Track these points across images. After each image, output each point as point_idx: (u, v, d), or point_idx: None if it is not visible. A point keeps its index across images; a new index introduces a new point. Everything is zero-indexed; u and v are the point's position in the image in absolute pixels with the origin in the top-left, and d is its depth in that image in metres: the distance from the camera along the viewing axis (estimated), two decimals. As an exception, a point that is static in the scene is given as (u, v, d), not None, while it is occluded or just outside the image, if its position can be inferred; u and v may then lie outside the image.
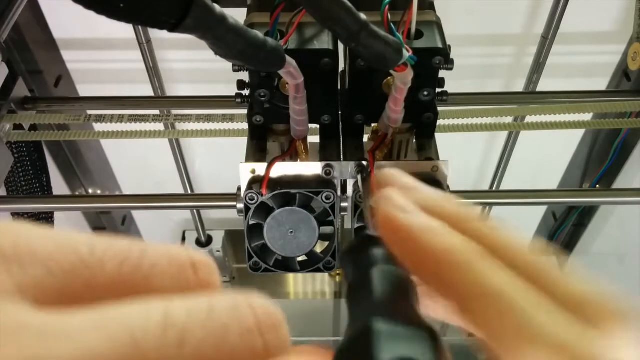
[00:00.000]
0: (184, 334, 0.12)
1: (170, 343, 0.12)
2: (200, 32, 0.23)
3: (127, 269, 0.13)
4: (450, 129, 0.51)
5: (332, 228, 0.37)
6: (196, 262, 0.14)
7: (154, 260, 0.13)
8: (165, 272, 0.14)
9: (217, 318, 0.13)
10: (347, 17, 0.27)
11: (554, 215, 1.15)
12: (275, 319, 0.14)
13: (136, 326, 0.12)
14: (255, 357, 0.13)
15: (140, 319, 0.12)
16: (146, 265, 0.13)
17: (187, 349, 0.12)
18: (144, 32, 0.71)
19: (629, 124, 0.68)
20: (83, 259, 0.13)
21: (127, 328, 0.12)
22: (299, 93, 0.34)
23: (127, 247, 0.13)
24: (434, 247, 0.17)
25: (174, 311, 0.12)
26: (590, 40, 0.80)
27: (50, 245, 0.13)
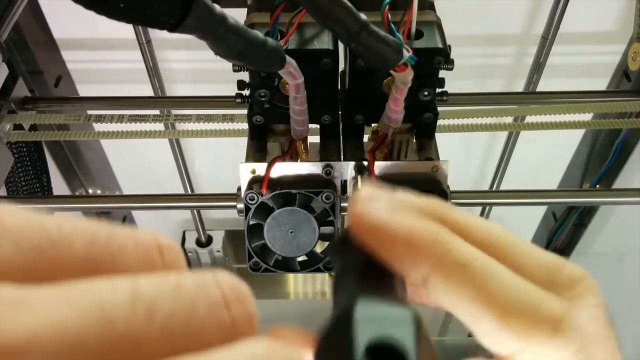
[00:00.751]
0: (153, 307, 0.12)
1: (139, 317, 0.12)
2: (201, 32, 0.23)
3: (94, 249, 0.13)
4: (450, 129, 0.51)
5: (332, 228, 0.37)
6: (162, 245, 0.14)
7: (120, 242, 0.13)
8: (132, 254, 0.14)
9: (185, 292, 0.13)
10: (347, 17, 0.27)
11: (554, 215, 1.15)
12: (240, 291, 0.13)
13: (105, 300, 0.12)
14: (224, 331, 0.13)
15: (108, 293, 0.12)
16: (113, 247, 0.13)
17: (155, 322, 0.12)
18: (144, 32, 0.71)
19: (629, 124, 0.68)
20: (51, 236, 0.13)
21: (96, 302, 0.12)
22: (299, 93, 0.34)
23: (95, 228, 0.13)
24: (402, 232, 0.17)
25: (142, 286, 0.12)
26: (590, 40, 0.80)
27: (19, 222, 0.12)
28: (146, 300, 0.12)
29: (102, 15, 0.20)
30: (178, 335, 0.12)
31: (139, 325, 0.12)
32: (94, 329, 0.11)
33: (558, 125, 0.53)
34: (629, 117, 0.69)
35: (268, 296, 1.16)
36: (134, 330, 0.12)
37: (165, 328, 0.12)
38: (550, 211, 1.14)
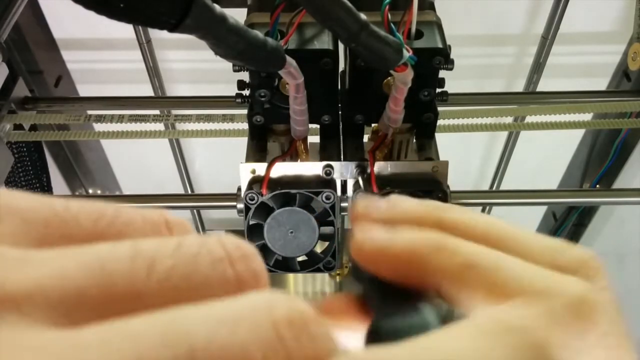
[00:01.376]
0: (153, 262, 0.12)
1: (138, 270, 0.12)
2: (201, 32, 0.22)
3: (101, 225, 0.14)
4: (450, 129, 0.51)
5: (332, 228, 0.37)
6: (170, 221, 0.15)
7: (127, 219, 0.14)
8: (139, 229, 0.14)
9: (186, 250, 0.13)
10: (347, 17, 0.27)
11: (554, 215, 1.15)
12: (245, 250, 0.13)
13: (106, 256, 0.12)
14: (227, 286, 0.13)
15: (109, 252, 0.12)
16: (120, 223, 0.14)
17: (155, 276, 0.12)
18: (144, 32, 0.71)
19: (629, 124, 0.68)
20: (58, 213, 0.13)
21: (97, 258, 0.12)
22: (299, 93, 0.34)
23: (102, 207, 0.14)
24: (403, 248, 0.17)
25: (143, 245, 0.13)
26: (590, 40, 0.80)
27: (27, 201, 0.13)
28: (146, 256, 0.12)
29: (102, 15, 0.20)
30: (179, 289, 0.12)
31: (139, 278, 0.12)
32: (94, 280, 0.12)
33: (558, 125, 0.53)
34: (629, 117, 0.70)
35: (268, 296, 1.16)
36: (134, 283, 0.12)
37: (166, 282, 0.12)
38: (550, 211, 1.14)
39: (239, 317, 0.12)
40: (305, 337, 0.12)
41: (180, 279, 0.12)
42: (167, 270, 0.12)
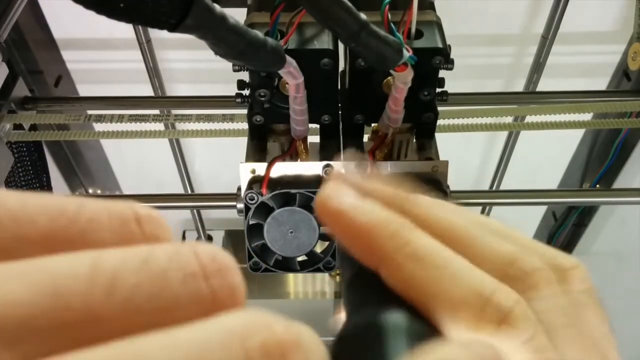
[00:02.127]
0: (114, 281, 0.11)
1: (97, 291, 0.11)
2: (201, 32, 0.22)
3: (60, 223, 0.12)
4: (450, 129, 0.51)
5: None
6: (140, 215, 0.13)
7: (91, 215, 0.12)
8: (105, 226, 0.12)
9: (154, 263, 0.11)
10: (347, 17, 0.27)
11: (554, 215, 1.15)
12: (222, 263, 0.12)
13: (60, 274, 0.11)
14: (200, 306, 0.12)
15: (65, 268, 0.11)
16: (83, 220, 0.12)
17: (117, 297, 0.11)
18: (144, 32, 0.71)
19: (629, 124, 0.68)
20: (12, 212, 0.12)
21: (50, 276, 0.11)
22: (299, 93, 0.34)
23: (63, 202, 0.12)
24: (363, 222, 0.18)
25: (105, 258, 0.11)
26: (590, 40, 0.80)
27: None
28: (107, 273, 0.11)
29: (102, 15, 0.20)
30: (145, 311, 0.11)
31: (97, 301, 0.11)
32: (45, 305, 0.10)
33: (558, 125, 0.53)
34: (629, 117, 0.69)
35: (268, 296, 1.16)
36: (92, 307, 0.11)
37: (129, 303, 0.11)
38: (550, 211, 1.14)
39: (208, 347, 0.11)
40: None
41: (146, 299, 0.11)
42: (131, 289, 0.11)
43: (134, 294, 0.11)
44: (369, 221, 0.17)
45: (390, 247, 0.17)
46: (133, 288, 0.11)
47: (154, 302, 0.11)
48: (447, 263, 0.17)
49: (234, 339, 0.11)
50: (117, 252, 0.11)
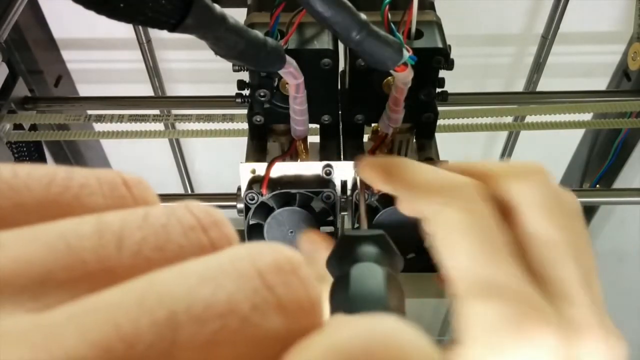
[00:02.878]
0: (121, 236, 0.12)
1: (107, 246, 0.11)
2: (201, 32, 0.22)
3: (55, 189, 0.13)
4: (450, 129, 0.51)
5: (333, 228, 0.37)
6: (127, 179, 0.14)
7: (82, 181, 0.13)
8: (96, 191, 0.13)
9: (154, 220, 0.12)
10: (347, 17, 0.27)
11: (554, 215, 1.15)
12: (216, 217, 0.13)
13: (69, 235, 0.11)
14: (203, 254, 0.12)
15: (72, 228, 0.11)
16: (75, 186, 0.13)
17: (126, 250, 0.11)
18: (144, 32, 0.71)
19: (629, 124, 0.68)
20: (6, 180, 0.12)
21: (61, 236, 0.11)
22: (299, 93, 0.34)
23: (52, 170, 0.13)
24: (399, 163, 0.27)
25: (107, 219, 0.12)
26: (590, 40, 0.80)
27: None
28: (114, 230, 0.12)
29: (102, 15, 0.20)
30: (152, 261, 0.12)
31: (109, 254, 0.11)
32: (61, 261, 0.11)
33: (558, 125, 0.53)
34: (629, 117, 0.70)
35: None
36: (105, 260, 0.11)
37: (138, 255, 0.12)
38: (550, 211, 1.14)
39: (220, 271, 0.11)
40: (296, 282, 0.12)
41: (153, 250, 0.12)
42: (138, 242, 0.12)
43: (141, 246, 0.12)
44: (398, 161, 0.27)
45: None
46: (140, 241, 0.12)
47: (160, 253, 0.12)
48: (437, 171, 0.26)
49: (244, 261, 0.11)
50: (117, 213, 0.12)
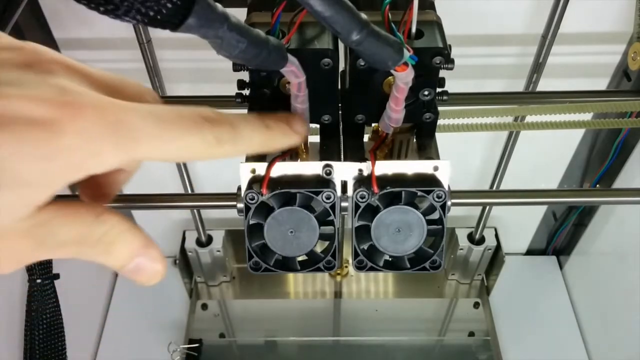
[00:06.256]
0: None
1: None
2: (203, 32, 0.22)
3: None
4: (450, 129, 0.51)
5: (332, 228, 0.37)
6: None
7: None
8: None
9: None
10: (348, 16, 0.27)
11: (554, 215, 1.15)
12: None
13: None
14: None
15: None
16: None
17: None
18: (144, 32, 0.71)
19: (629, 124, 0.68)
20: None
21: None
22: (300, 91, 0.34)
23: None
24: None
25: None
26: (590, 40, 0.80)
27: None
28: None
29: (103, 15, 0.20)
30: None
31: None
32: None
33: (558, 125, 0.53)
34: (629, 117, 0.70)
35: (268, 296, 1.16)
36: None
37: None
38: (551, 211, 1.14)
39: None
40: None
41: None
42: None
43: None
44: None
45: None
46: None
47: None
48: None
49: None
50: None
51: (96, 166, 0.21)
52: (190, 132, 0.24)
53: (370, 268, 0.38)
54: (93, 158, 0.20)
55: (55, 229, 0.22)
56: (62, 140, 0.19)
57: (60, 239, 0.22)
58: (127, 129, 0.21)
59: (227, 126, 0.26)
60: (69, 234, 0.22)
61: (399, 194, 0.35)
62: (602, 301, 1.07)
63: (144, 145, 0.22)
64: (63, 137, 0.19)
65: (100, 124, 0.20)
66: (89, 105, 0.20)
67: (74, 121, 0.20)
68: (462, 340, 1.11)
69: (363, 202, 0.36)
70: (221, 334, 1.11)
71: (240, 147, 0.27)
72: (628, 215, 0.94)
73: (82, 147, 0.20)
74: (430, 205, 0.36)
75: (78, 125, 0.20)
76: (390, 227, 0.36)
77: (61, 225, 0.22)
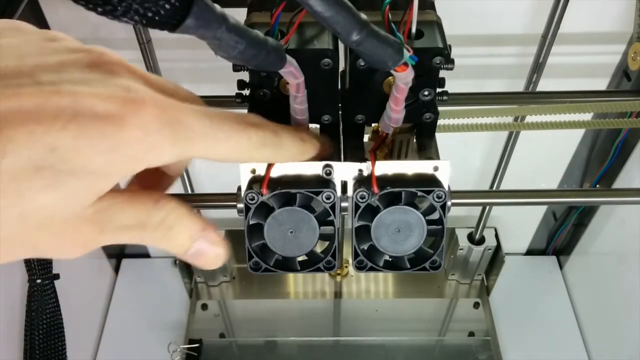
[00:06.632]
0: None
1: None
2: (201, 33, 0.22)
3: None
4: (450, 129, 0.51)
5: (332, 228, 0.37)
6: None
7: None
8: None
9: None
10: (348, 17, 0.27)
11: (554, 215, 1.15)
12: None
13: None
14: None
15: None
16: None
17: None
18: (144, 32, 0.71)
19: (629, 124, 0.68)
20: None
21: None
22: (299, 92, 0.34)
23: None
24: None
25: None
26: (590, 40, 0.80)
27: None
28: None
29: (102, 15, 0.20)
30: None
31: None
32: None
33: (558, 125, 0.53)
34: (629, 117, 0.69)
35: (268, 296, 1.16)
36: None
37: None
38: (551, 211, 1.14)
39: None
40: None
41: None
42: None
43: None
44: None
45: None
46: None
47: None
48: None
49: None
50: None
51: (154, 159, 0.23)
52: (239, 133, 0.26)
53: (370, 268, 0.38)
54: (152, 151, 0.22)
55: (116, 215, 0.23)
56: (125, 133, 0.21)
57: (121, 223, 0.24)
58: (184, 126, 0.23)
59: (271, 132, 0.28)
60: (129, 219, 0.24)
61: (399, 194, 0.35)
62: (602, 301, 1.07)
63: (198, 144, 0.24)
64: (126, 130, 0.21)
65: (159, 120, 0.22)
66: (150, 103, 0.22)
67: (137, 116, 0.22)
68: (462, 340, 1.11)
69: (363, 202, 0.36)
70: (221, 334, 1.11)
71: (280, 153, 0.29)
72: (628, 216, 0.94)
73: (142, 140, 0.22)
74: (430, 206, 0.36)
75: (140, 119, 0.22)
76: (390, 227, 0.36)
77: (122, 211, 0.24)
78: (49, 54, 0.23)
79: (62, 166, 0.20)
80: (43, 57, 0.22)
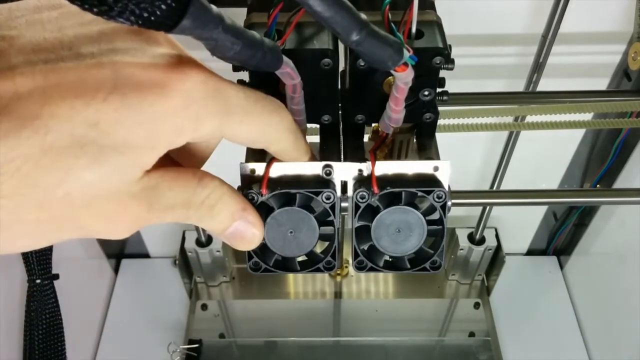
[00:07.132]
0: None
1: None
2: (197, 34, 0.22)
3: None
4: (450, 129, 0.51)
5: (332, 228, 0.37)
6: None
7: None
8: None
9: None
10: (347, 16, 0.27)
11: (554, 215, 1.15)
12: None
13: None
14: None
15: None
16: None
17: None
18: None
19: (629, 124, 0.68)
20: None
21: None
22: (295, 93, 0.34)
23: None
24: None
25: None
26: (590, 40, 0.80)
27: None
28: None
29: (98, 16, 0.20)
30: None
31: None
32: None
33: (558, 125, 0.53)
34: (629, 117, 0.69)
35: (268, 296, 1.16)
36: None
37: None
38: (551, 211, 1.14)
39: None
40: None
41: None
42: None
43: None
44: None
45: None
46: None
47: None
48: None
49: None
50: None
51: (194, 131, 0.22)
52: (271, 112, 0.26)
53: (370, 268, 0.38)
54: (193, 122, 0.22)
55: (163, 192, 0.23)
56: (168, 102, 0.21)
57: (168, 201, 0.23)
58: (225, 97, 0.23)
59: (295, 124, 0.28)
60: (176, 197, 0.24)
61: (399, 194, 0.35)
62: (603, 301, 1.07)
63: (234, 116, 0.24)
64: (169, 98, 0.21)
65: (202, 89, 0.22)
66: (194, 70, 0.22)
67: (181, 82, 0.21)
68: (462, 340, 1.11)
69: (363, 202, 0.36)
70: (221, 334, 1.11)
71: (297, 144, 0.29)
72: (629, 216, 0.94)
73: (185, 109, 0.21)
74: (431, 206, 0.36)
75: (184, 86, 0.21)
76: (391, 227, 0.36)
77: (168, 189, 0.23)
78: (89, 24, 0.22)
79: (105, 141, 0.20)
80: (83, 28, 0.22)
